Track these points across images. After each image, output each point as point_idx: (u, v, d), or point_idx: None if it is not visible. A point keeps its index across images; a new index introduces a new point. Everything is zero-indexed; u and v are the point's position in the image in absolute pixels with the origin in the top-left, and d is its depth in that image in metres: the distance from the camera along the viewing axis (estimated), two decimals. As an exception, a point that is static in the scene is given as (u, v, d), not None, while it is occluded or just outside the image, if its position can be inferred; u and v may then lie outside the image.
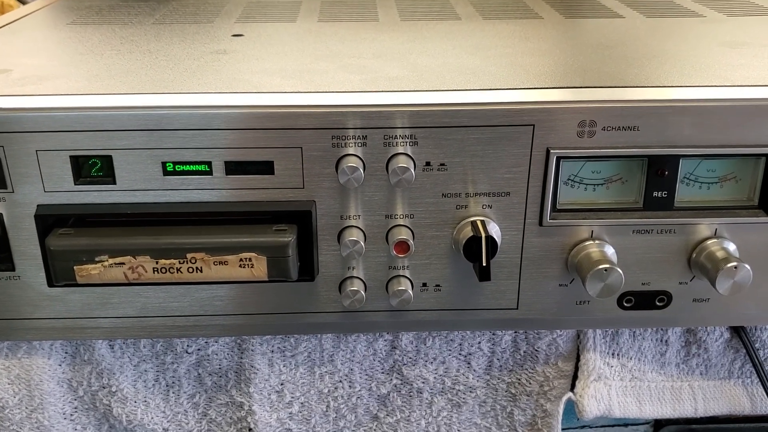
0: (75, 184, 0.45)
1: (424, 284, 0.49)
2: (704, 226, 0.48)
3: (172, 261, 0.45)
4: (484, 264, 0.45)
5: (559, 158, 0.46)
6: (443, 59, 0.53)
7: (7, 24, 0.66)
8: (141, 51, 0.56)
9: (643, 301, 0.50)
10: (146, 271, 0.45)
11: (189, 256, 0.45)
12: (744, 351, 0.55)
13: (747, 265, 0.46)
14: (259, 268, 0.45)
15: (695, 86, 0.47)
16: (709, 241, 0.48)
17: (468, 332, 0.54)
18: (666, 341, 0.55)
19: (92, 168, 0.45)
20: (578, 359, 0.55)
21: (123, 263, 0.45)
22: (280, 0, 0.78)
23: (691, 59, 0.53)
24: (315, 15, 0.70)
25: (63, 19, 0.68)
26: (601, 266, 0.46)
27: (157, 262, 0.45)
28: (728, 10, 0.70)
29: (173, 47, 0.57)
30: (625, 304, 0.50)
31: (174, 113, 0.44)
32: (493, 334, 0.54)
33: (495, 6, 0.74)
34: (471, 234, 0.46)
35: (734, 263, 0.46)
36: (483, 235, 0.45)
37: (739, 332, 0.55)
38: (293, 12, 0.71)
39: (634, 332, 0.55)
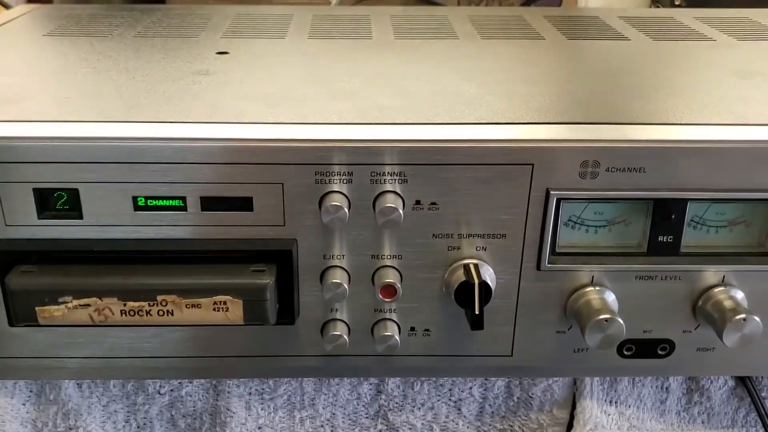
0: (38, 219, 0.42)
1: (413, 328, 0.46)
2: (711, 273, 0.45)
3: (141, 303, 0.42)
4: (476, 312, 0.42)
5: (559, 200, 0.43)
6: (437, 86, 0.50)
7: (-19, 34, 0.63)
8: (118, 69, 0.52)
9: (645, 349, 0.47)
10: (113, 314, 0.42)
11: (159, 298, 0.42)
12: (749, 399, 0.52)
13: (756, 317, 0.43)
14: (235, 311, 0.42)
15: (706, 125, 0.44)
16: (716, 289, 0.45)
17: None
18: (667, 388, 0.52)
19: (57, 201, 0.42)
20: (574, 407, 0.52)
21: (88, 305, 0.42)
22: (270, 13, 0.75)
23: (701, 92, 0.50)
24: (305, 31, 0.67)
25: (40, 29, 0.65)
26: (601, 316, 0.43)
27: (125, 305, 0.42)
28: (739, 34, 0.67)
29: (153, 65, 0.54)
30: (626, 353, 0.47)
31: (147, 145, 0.40)
32: (486, 379, 0.51)
33: (495, 24, 0.71)
34: (463, 278, 0.43)
35: (743, 315, 0.43)
36: (476, 281, 0.42)
37: (744, 380, 0.52)
38: (283, 27, 0.68)
39: (633, 379, 0.52)
